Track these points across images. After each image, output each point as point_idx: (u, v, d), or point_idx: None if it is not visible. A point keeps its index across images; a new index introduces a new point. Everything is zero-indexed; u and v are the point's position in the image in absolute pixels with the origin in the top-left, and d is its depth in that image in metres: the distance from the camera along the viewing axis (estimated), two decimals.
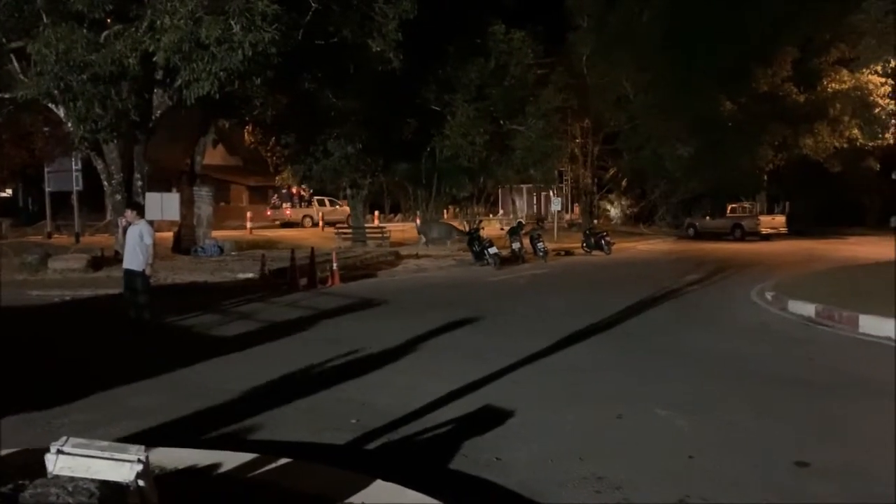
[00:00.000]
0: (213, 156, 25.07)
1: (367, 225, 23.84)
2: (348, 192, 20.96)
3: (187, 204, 16.13)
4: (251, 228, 23.28)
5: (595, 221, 29.34)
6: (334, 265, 12.10)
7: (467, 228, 19.49)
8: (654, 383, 5.42)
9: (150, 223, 8.08)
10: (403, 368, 5.94)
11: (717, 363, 6.13)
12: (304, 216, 27.82)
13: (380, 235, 20.30)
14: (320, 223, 26.46)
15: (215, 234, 17.81)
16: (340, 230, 20.66)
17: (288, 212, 28.49)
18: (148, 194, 13.50)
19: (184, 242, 16.26)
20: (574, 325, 7.75)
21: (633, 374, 5.75)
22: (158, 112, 13.62)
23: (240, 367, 5.86)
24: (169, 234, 16.99)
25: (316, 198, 27.70)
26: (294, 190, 27.73)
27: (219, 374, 5.63)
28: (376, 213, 29.14)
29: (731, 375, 5.65)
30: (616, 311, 8.79)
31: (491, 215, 31.40)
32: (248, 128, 20.27)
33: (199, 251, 15.89)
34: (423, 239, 19.58)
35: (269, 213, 28.72)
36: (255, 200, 30.57)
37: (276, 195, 29.12)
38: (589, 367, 6.00)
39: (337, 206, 27.68)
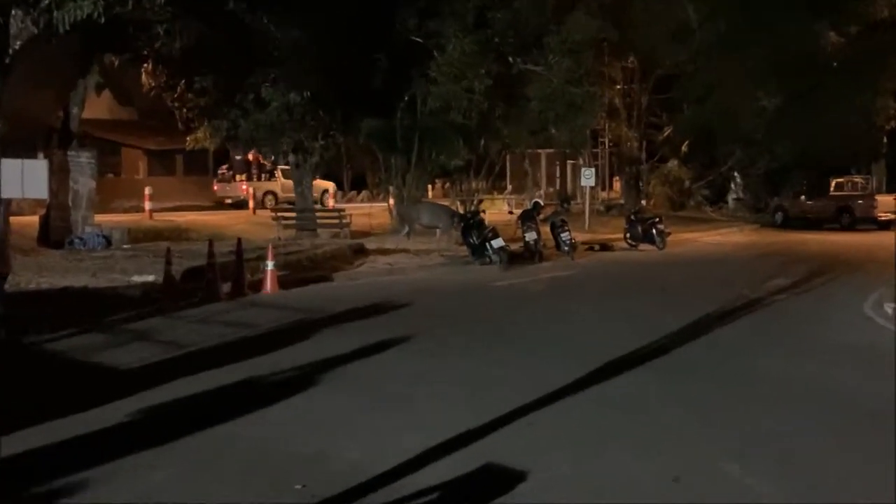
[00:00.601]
0: (98, 106, 24.90)
1: (318, 207, 23.77)
2: (291, 158, 20.90)
3: (60, 175, 15.98)
4: (152, 210, 23.20)
5: (643, 202, 29.43)
6: (269, 264, 12.12)
7: (461, 212, 19.50)
8: (721, 427, 5.48)
9: (4, 203, 8.00)
10: (369, 410, 5.97)
11: (811, 400, 6.20)
12: (266, 193, 27.90)
13: (336, 221, 20.25)
14: (251, 203, 26.55)
15: (100, 218, 17.70)
16: (281, 214, 20.63)
17: (244, 186, 28.54)
18: (3, 161, 13.31)
19: (54, 231, 16.13)
20: (612, 349, 7.81)
21: (693, 414, 5.81)
22: (18, 43, 13.45)
23: (132, 405, 5.88)
24: (34, 219, 16.86)
25: (281, 168, 27.88)
26: (251, 157, 27.80)
27: (101, 417, 5.64)
28: (332, 189, 29.03)
29: (833, 418, 5.72)
30: (671, 330, 8.86)
31: (495, 193, 31.39)
32: (147, 67, 20.10)
33: (77, 243, 15.81)
34: (406, 228, 19.58)
35: (216, 188, 28.90)
36: (158, 170, 30.44)
37: (226, 164, 29.27)
38: (631, 404, 6.06)
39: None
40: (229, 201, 27.92)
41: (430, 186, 29.97)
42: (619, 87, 29.39)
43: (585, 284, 13.81)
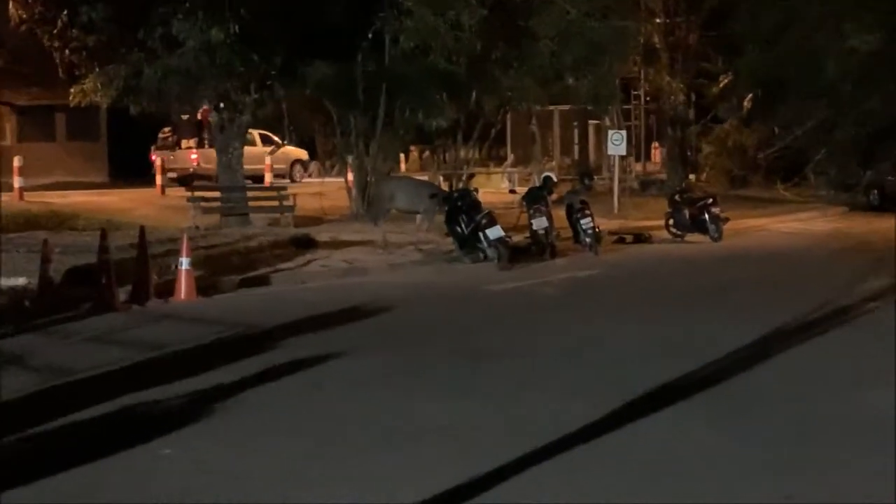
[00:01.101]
0: None
1: (251, 185, 23.62)
2: (213, 119, 20.79)
3: None
4: (23, 189, 23.07)
5: (692, 177, 29.45)
6: (184, 262, 12.09)
7: (447, 191, 19.44)
8: (803, 486, 5.44)
9: None
10: (311, 462, 5.94)
11: None
12: None
13: (276, 204, 20.23)
14: (157, 178, 26.65)
15: None
16: (199, 194, 20.45)
17: (194, 155, 28.92)
18: None
19: None
20: (646, 377, 7.80)
21: (760, 469, 5.78)
22: None
23: None
24: None
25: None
26: (202, 117, 27.92)
27: None
28: (268, 161, 29.14)
29: None
30: (730, 350, 8.86)
31: (492, 165, 31.36)
32: None
33: None
34: (376, 213, 19.46)
35: (153, 157, 29.39)
36: (32, 134, 30.32)
37: (171, 127, 29.68)
38: (674, 458, 6.02)
39: (277, 147, 28.52)
40: (173, 176, 28.10)
41: (402, 156, 29.91)
42: (658, 20, 29.40)
43: (613, 288, 13.82)
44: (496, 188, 25.92)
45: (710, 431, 6.59)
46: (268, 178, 28.15)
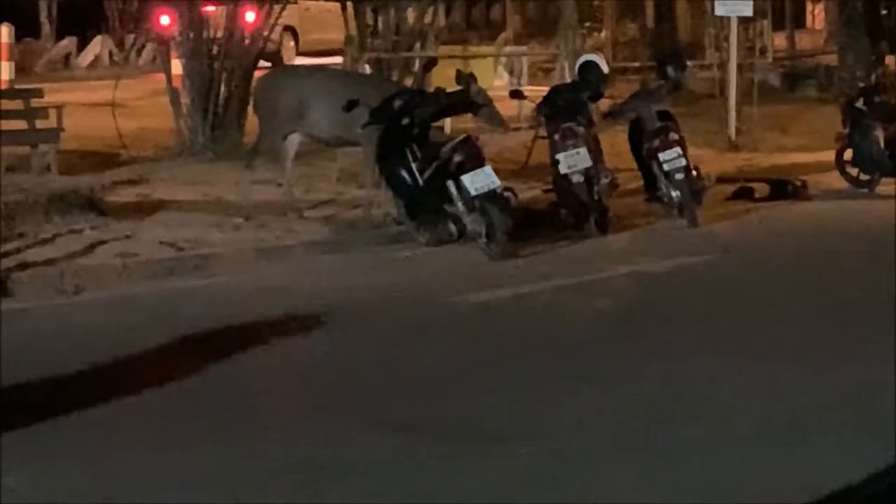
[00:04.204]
0: None
1: None
2: None
3: None
4: None
5: (892, 63, 29.66)
6: None
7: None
8: None
9: None
10: None
11: None
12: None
13: (24, 126, 20.25)
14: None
15: None
16: None
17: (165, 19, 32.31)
18: None
19: None
20: (816, 479, 7.49)
21: None
22: None
23: None
24: None
25: None
26: None
27: None
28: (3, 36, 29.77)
29: None
30: None
31: (474, 42, 31.81)
32: None
33: None
34: (263, 145, 19.38)
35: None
36: None
37: None
38: None
39: None
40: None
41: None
42: None
43: (729, 297, 13.85)
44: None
45: None
46: (3, 71, 28.62)
